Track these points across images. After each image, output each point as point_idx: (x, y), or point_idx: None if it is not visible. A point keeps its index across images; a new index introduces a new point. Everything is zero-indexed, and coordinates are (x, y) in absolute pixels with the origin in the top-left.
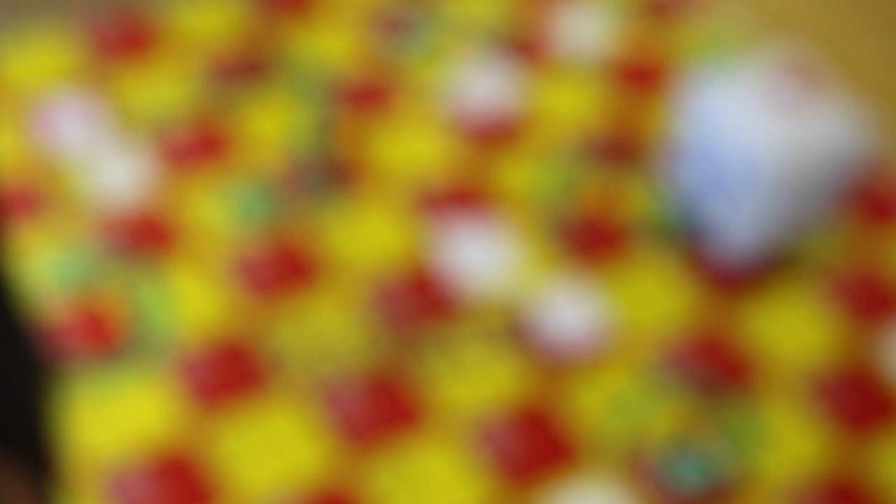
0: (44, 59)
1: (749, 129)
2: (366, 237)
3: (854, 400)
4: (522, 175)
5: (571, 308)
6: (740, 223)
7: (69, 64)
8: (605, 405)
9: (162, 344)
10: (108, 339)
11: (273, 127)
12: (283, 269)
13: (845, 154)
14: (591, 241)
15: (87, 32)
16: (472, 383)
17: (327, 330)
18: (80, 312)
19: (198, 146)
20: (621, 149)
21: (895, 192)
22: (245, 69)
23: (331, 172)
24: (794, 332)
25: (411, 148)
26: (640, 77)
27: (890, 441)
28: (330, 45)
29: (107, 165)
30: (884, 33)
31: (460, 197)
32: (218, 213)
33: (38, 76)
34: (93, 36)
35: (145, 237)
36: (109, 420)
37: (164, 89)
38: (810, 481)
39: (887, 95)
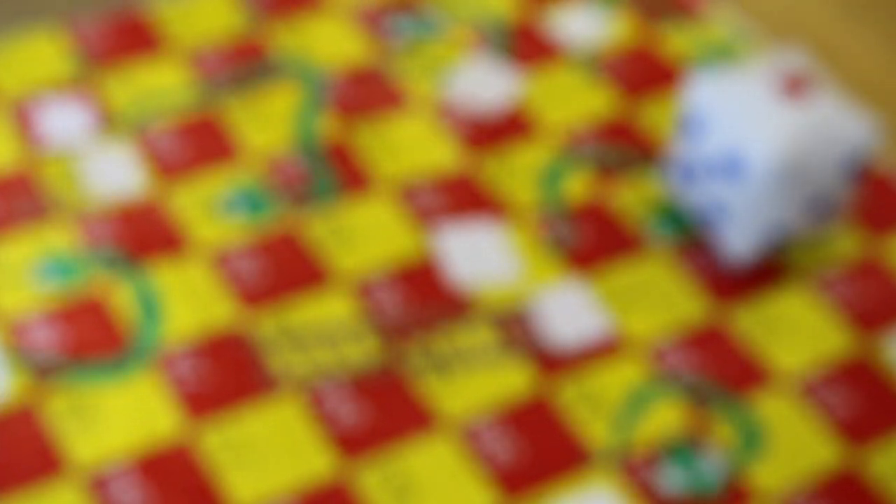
0: (36, 60)
1: (749, 131)
2: (363, 237)
3: (855, 401)
4: (522, 175)
5: (571, 308)
6: (740, 223)
7: (62, 64)
8: (604, 406)
9: (158, 345)
10: (102, 340)
11: (269, 126)
12: (281, 270)
13: (846, 156)
14: (590, 241)
15: (79, 32)
16: (472, 384)
17: (325, 330)
18: (76, 313)
19: (192, 145)
20: (621, 149)
21: (895, 192)
22: (241, 69)
23: (328, 172)
24: (794, 332)
25: (410, 147)
26: (640, 77)
27: (893, 443)
28: (327, 45)
29: (102, 166)
30: (884, 38)
31: (460, 197)
32: (214, 213)
33: (30, 77)
34: (86, 35)
35: (140, 238)
36: (104, 421)
37: (160, 89)
38: (811, 483)
39: (887, 99)
